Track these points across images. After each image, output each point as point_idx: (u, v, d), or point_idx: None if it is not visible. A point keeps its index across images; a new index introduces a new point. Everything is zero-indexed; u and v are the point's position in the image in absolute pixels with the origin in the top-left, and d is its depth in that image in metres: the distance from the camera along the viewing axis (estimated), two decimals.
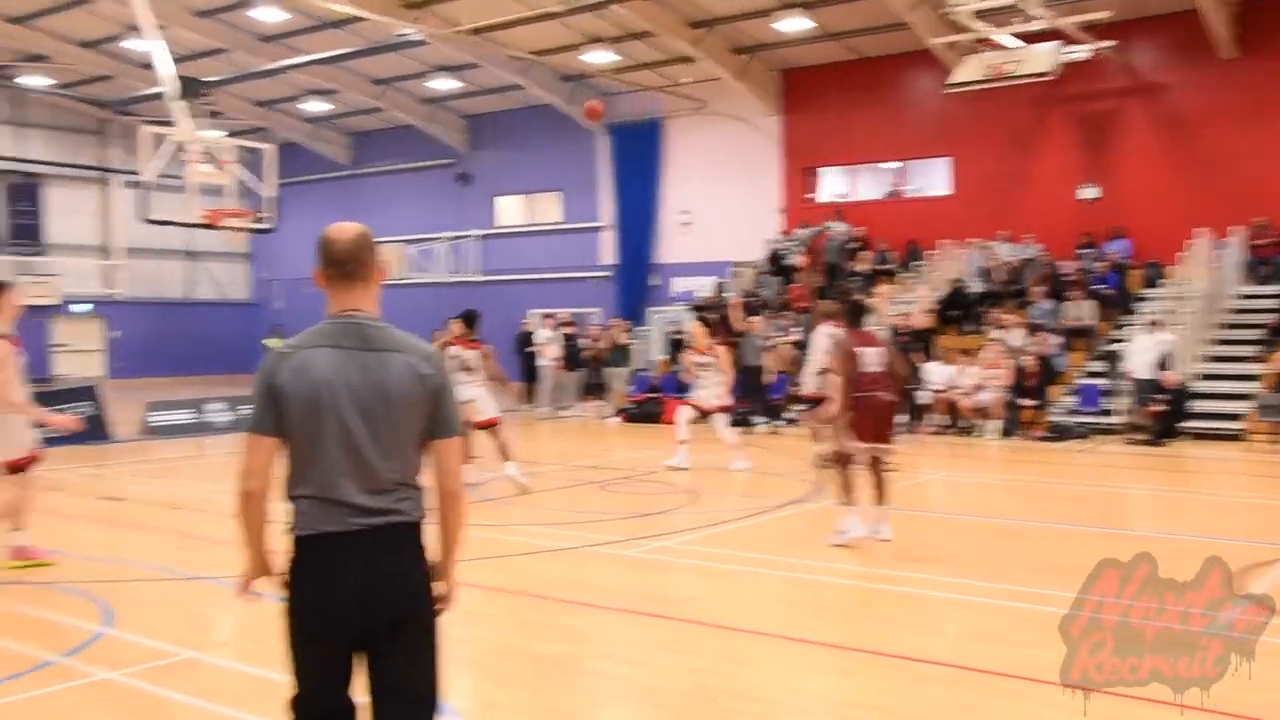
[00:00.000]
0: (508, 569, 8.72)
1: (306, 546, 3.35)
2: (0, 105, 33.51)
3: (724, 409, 14.68)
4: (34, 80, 32.31)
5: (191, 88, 19.47)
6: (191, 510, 11.32)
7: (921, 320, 20.71)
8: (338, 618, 3.33)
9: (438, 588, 3.54)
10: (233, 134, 23.18)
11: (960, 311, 22.12)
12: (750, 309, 22.29)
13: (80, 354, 34.00)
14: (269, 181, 20.51)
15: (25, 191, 34.09)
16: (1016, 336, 19.70)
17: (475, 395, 12.66)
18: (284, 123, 34.52)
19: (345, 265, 3.48)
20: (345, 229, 3.54)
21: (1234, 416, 17.70)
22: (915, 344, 19.61)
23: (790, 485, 12.86)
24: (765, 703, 5.61)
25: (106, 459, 16.03)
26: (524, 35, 25.42)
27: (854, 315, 9.73)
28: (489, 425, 12.71)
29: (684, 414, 14.66)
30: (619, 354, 24.12)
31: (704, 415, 14.58)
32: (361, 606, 3.32)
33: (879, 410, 9.21)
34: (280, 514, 3.44)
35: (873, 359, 9.22)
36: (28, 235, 34.08)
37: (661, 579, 8.39)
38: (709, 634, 6.80)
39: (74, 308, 34.18)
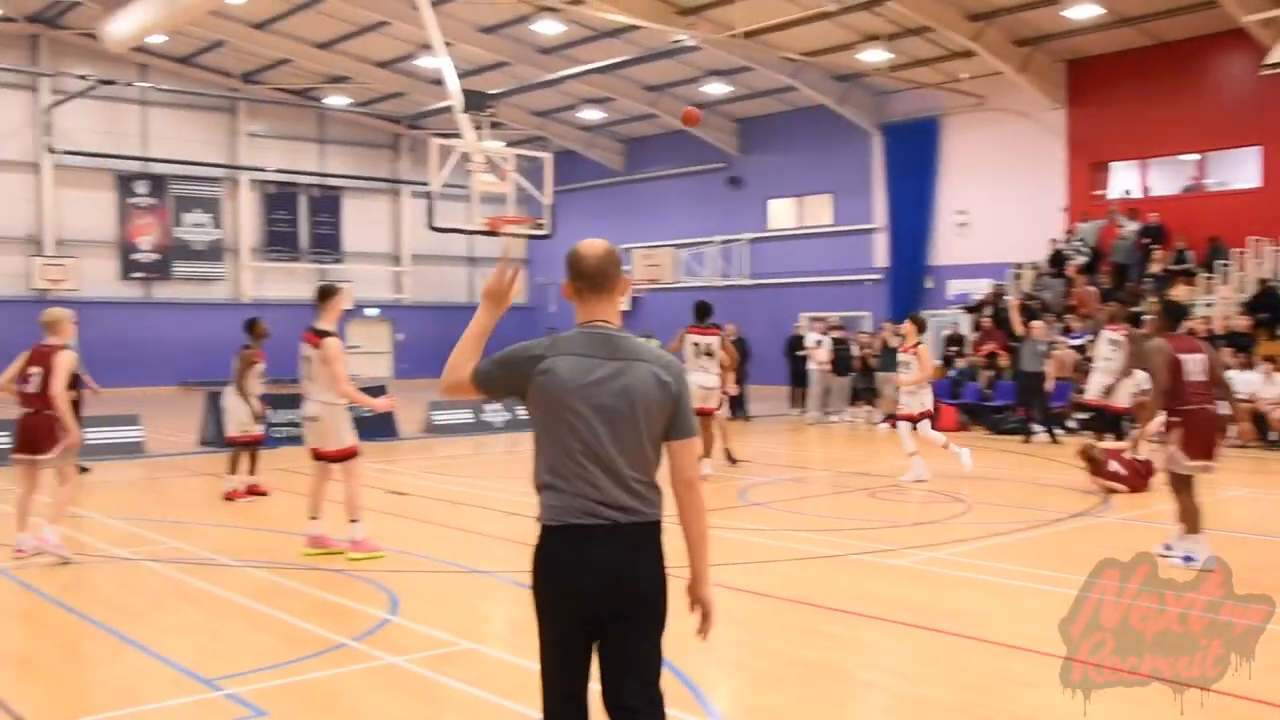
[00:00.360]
0: (774, 574, 8.67)
1: (552, 536, 3.57)
2: (308, 124, 36.28)
3: (923, 415, 13.91)
4: (336, 100, 34.80)
5: (476, 101, 20.38)
6: (471, 507, 11.82)
7: (1225, 324, 19.26)
8: (576, 605, 3.54)
9: (694, 590, 3.76)
10: (512, 144, 24.18)
11: (1270, 314, 20.41)
12: (1030, 312, 21.33)
13: (370, 355, 36.39)
14: (546, 189, 21.23)
15: (326, 203, 36.83)
16: None
17: (714, 383, 13.54)
18: (560, 131, 35.76)
19: (594, 279, 3.68)
20: (595, 245, 3.72)
21: None
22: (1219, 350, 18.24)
23: (1070, 498, 12.21)
24: None
25: (394, 455, 17.00)
26: (797, 36, 25.30)
27: (1171, 318, 8.93)
28: (707, 414, 13.25)
29: (903, 428, 13.96)
30: (889, 358, 23.57)
31: (915, 423, 13.87)
32: (598, 596, 3.52)
33: (1207, 424, 8.38)
34: (532, 505, 3.65)
35: (1195, 367, 8.38)
36: (327, 244, 36.80)
37: (932, 590, 8.12)
38: (980, 649, 6.52)
39: (366, 312, 36.60)
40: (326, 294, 9.22)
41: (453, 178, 19.95)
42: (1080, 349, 20.32)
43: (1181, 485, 8.43)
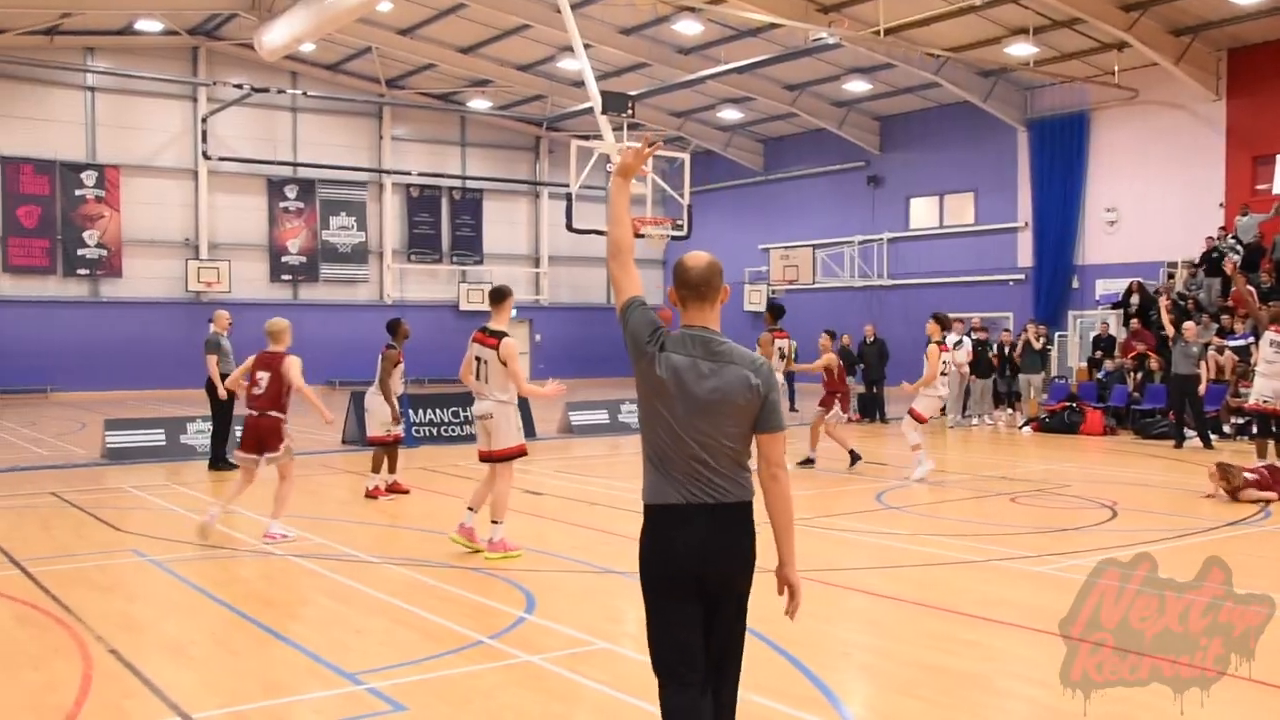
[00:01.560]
0: (912, 579, 8.54)
1: (652, 514, 4.01)
2: (450, 128, 37.07)
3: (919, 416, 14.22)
4: (477, 104, 35.49)
5: (617, 102, 20.56)
6: (605, 507, 11.93)
7: None
8: (672, 577, 3.94)
9: (782, 573, 4.07)
10: (651, 143, 24.24)
11: None
12: (1182, 312, 20.53)
13: None
14: (684, 189, 21.30)
15: (467, 205, 37.55)
16: None
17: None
18: (699, 131, 35.79)
19: (698, 288, 4.03)
20: (699, 257, 4.08)
21: None
22: None
23: (1223, 506, 11.71)
24: None
25: (531, 455, 17.19)
26: (941, 32, 24.84)
27: None
28: None
29: (908, 422, 14.32)
30: (1033, 360, 22.95)
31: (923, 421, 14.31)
32: (694, 569, 3.91)
33: None
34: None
35: None
36: (468, 246, 37.50)
37: (1074, 599, 7.87)
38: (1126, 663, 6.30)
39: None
40: (500, 296, 9.43)
41: (591, 179, 20.17)
42: (1240, 351, 19.48)
43: None
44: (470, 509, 9.46)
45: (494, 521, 9.25)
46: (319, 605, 7.87)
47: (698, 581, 3.93)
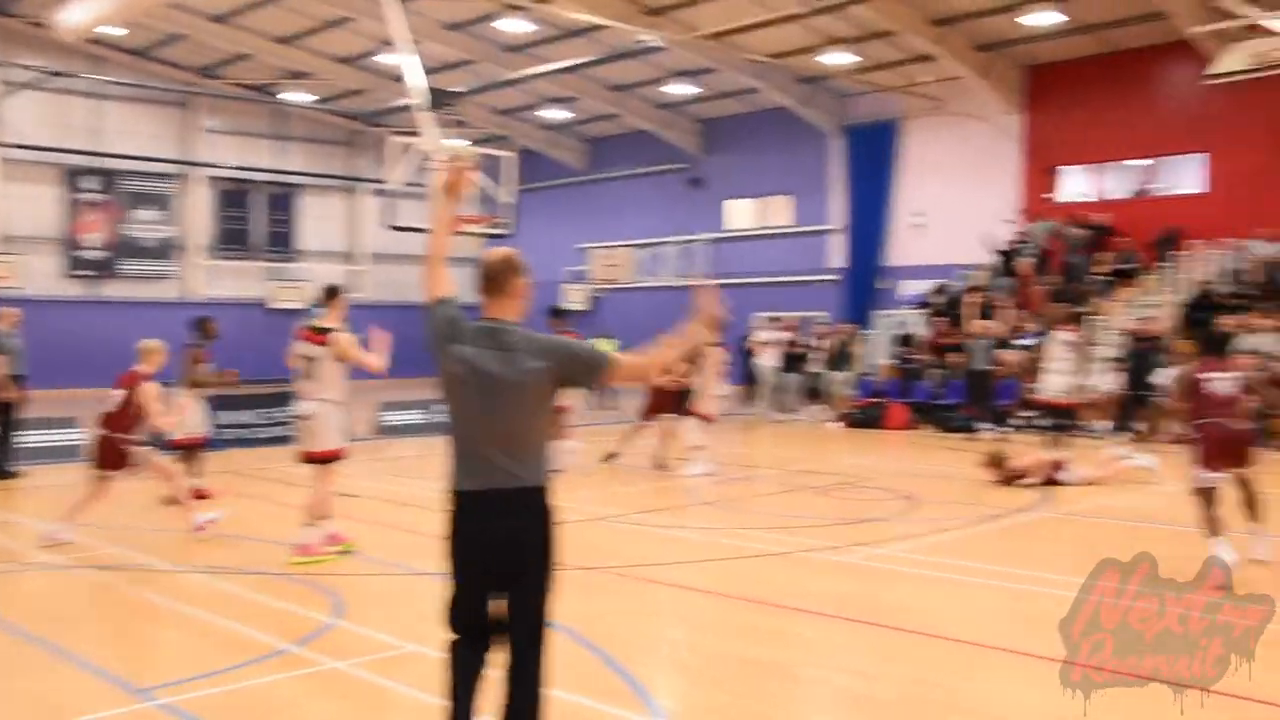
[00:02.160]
0: (723, 573, 8.73)
1: (452, 500, 4.22)
2: (265, 120, 35.96)
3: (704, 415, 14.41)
4: (295, 96, 34.52)
5: (439, 98, 20.30)
6: (417, 508, 11.73)
7: (1160, 326, 19.61)
8: (468, 558, 4.19)
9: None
10: (474, 142, 24.10)
11: (1209, 315, 20.72)
12: (980, 312, 21.57)
13: None
14: (507, 188, 21.19)
15: (282, 201, 36.47)
16: (1270, 341, 18.30)
17: None
18: (523, 130, 35.68)
19: (493, 282, 4.31)
20: (495, 253, 4.37)
21: None
22: (1156, 350, 18.56)
23: (1013, 494, 12.36)
24: (982, 716, 5.41)
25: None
26: (762, 38, 25.39)
27: (1209, 346, 9.12)
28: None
29: (692, 423, 14.44)
30: (841, 358, 23.69)
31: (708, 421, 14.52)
32: (487, 551, 4.13)
33: (1225, 438, 8.48)
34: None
35: (1223, 385, 8.56)
36: (282, 242, 36.43)
37: (877, 586, 8.20)
38: (925, 644, 6.61)
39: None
40: (333, 293, 9.40)
41: (412, 176, 19.87)
42: (1029, 349, 20.54)
43: (1204, 496, 8.47)
44: (310, 524, 9.24)
45: (306, 525, 9.03)
46: (110, 619, 7.51)
47: (492, 563, 4.14)
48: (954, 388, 21.42)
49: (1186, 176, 24.64)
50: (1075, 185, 26.41)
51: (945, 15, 24.09)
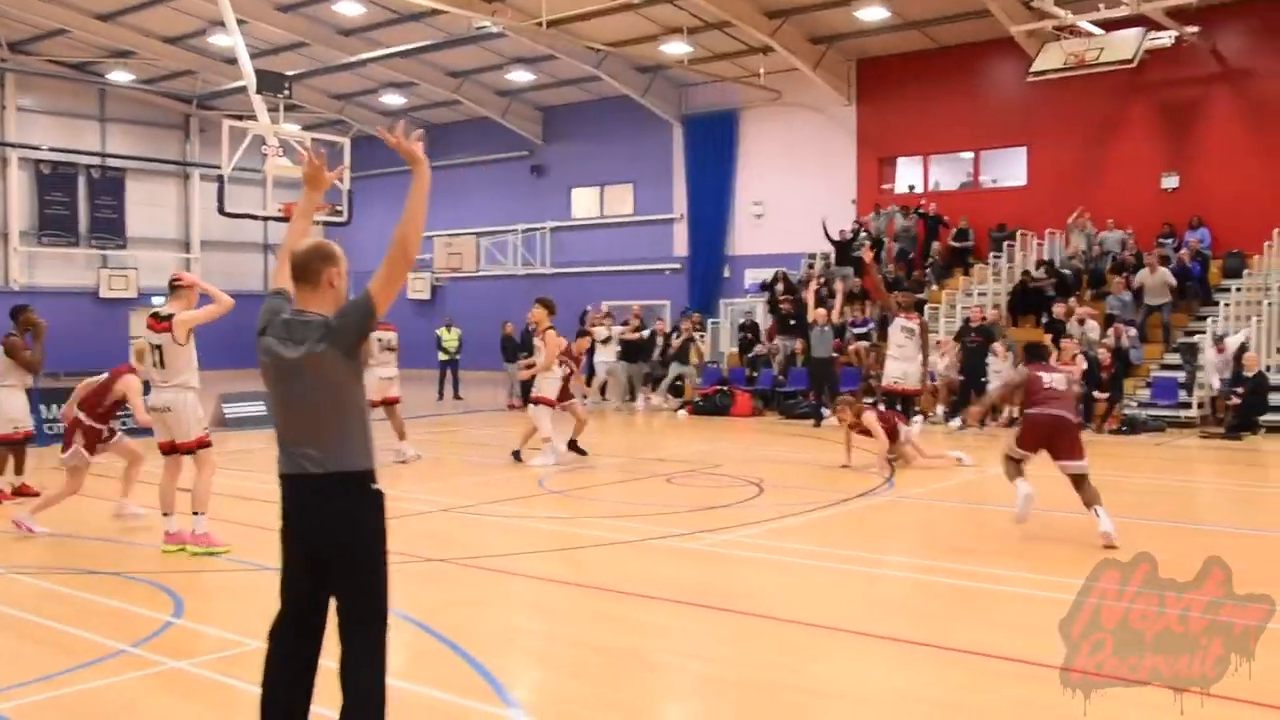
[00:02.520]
0: (573, 561, 8.77)
1: (280, 485, 4.24)
2: (87, 101, 34.34)
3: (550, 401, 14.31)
4: (119, 76, 33.06)
5: (272, 82, 19.76)
6: (259, 501, 11.42)
7: (990, 314, 20.48)
8: (291, 543, 4.21)
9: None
10: (310, 127, 23.50)
11: (1033, 303, 21.79)
12: (820, 300, 22.11)
13: None
14: (344, 175, 20.74)
15: (108, 186, 34.91)
16: (1091, 328, 19.32)
17: (393, 374, 14.60)
18: (361, 115, 34.98)
19: (300, 272, 4.25)
20: (305, 244, 4.30)
21: None
22: (987, 339, 19.37)
23: (857, 479, 12.74)
24: (829, 696, 5.57)
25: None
26: (601, 27, 25.45)
27: (1031, 355, 9.94)
28: (393, 402, 14.42)
29: (539, 412, 14.23)
30: (683, 347, 23.85)
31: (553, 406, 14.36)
32: (305, 537, 4.15)
33: (1046, 425, 9.16)
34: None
35: (1052, 380, 9.36)
36: (109, 229, 34.89)
37: (726, 572, 8.35)
38: (774, 627, 6.76)
39: (153, 299, 34.96)
40: (177, 285, 9.14)
41: (246, 161, 19.30)
42: (866, 336, 21.19)
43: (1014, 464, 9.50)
44: (166, 514, 8.93)
45: (196, 513, 8.78)
46: None
47: (309, 550, 4.15)
48: (796, 375, 21.93)
49: (1012, 169, 25.77)
50: (909, 176, 27.33)
51: (780, 7, 24.59)
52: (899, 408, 15.52)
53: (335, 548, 4.11)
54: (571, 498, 11.87)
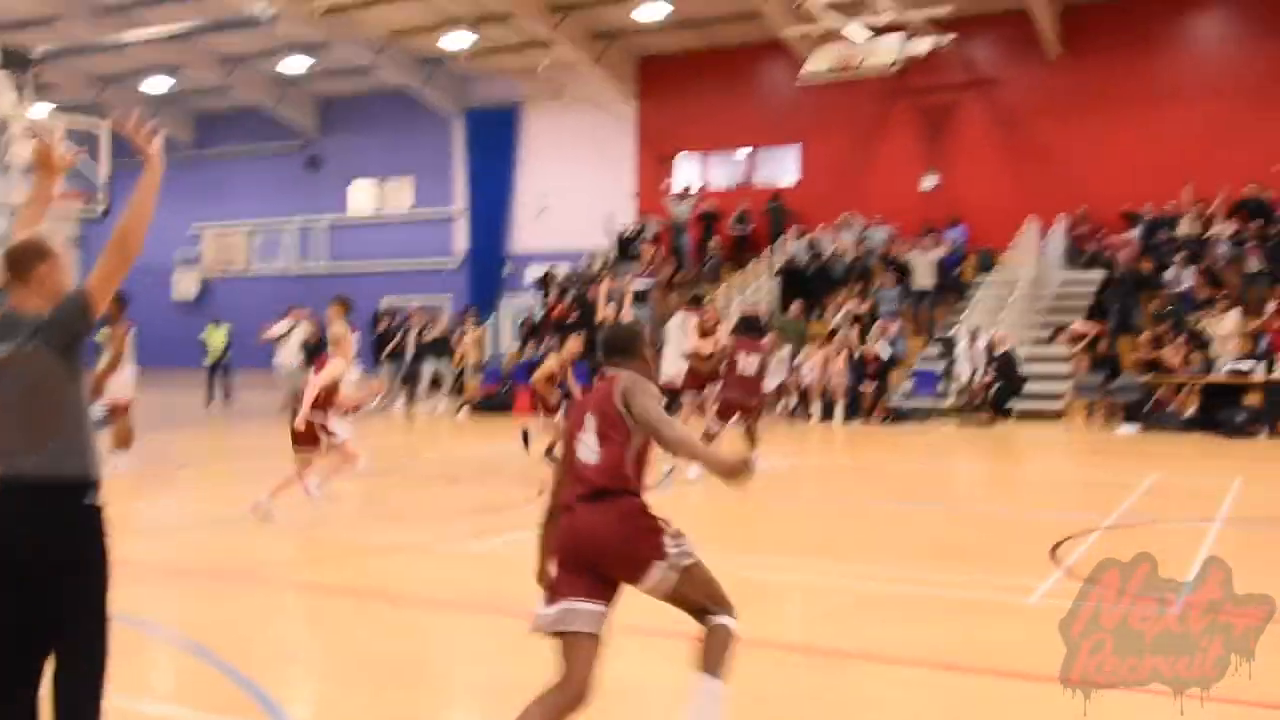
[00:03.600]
0: (351, 568, 8.56)
1: None
2: None
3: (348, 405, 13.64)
4: None
5: (17, 59, 18.53)
6: None
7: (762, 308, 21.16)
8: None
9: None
10: (63, 109, 22.13)
11: (803, 296, 22.64)
12: (609, 297, 22.30)
13: None
14: (103, 163, 19.64)
15: None
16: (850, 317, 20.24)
17: (127, 376, 13.27)
18: (122, 100, 33.02)
19: (7, 269, 3.96)
20: (18, 238, 4.04)
21: (1057, 396, 18.61)
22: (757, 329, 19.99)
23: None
24: (617, 696, 5.55)
25: None
26: (380, 15, 24.95)
27: (744, 329, 11.01)
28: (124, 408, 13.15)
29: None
30: (440, 344, 23.17)
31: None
32: (6, 554, 3.66)
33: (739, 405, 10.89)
34: None
35: (745, 365, 10.81)
36: None
37: (511, 575, 8.30)
38: None
39: None
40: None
41: None
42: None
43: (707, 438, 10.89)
44: None
45: None
46: None
47: (13, 567, 3.66)
48: (580, 371, 22.03)
49: (786, 167, 26.66)
50: (689, 173, 27.89)
51: (562, 3, 24.70)
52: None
53: (43, 566, 3.66)
54: (350, 503, 11.60)
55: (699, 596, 4.62)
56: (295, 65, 29.72)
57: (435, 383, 22.98)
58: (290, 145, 32.75)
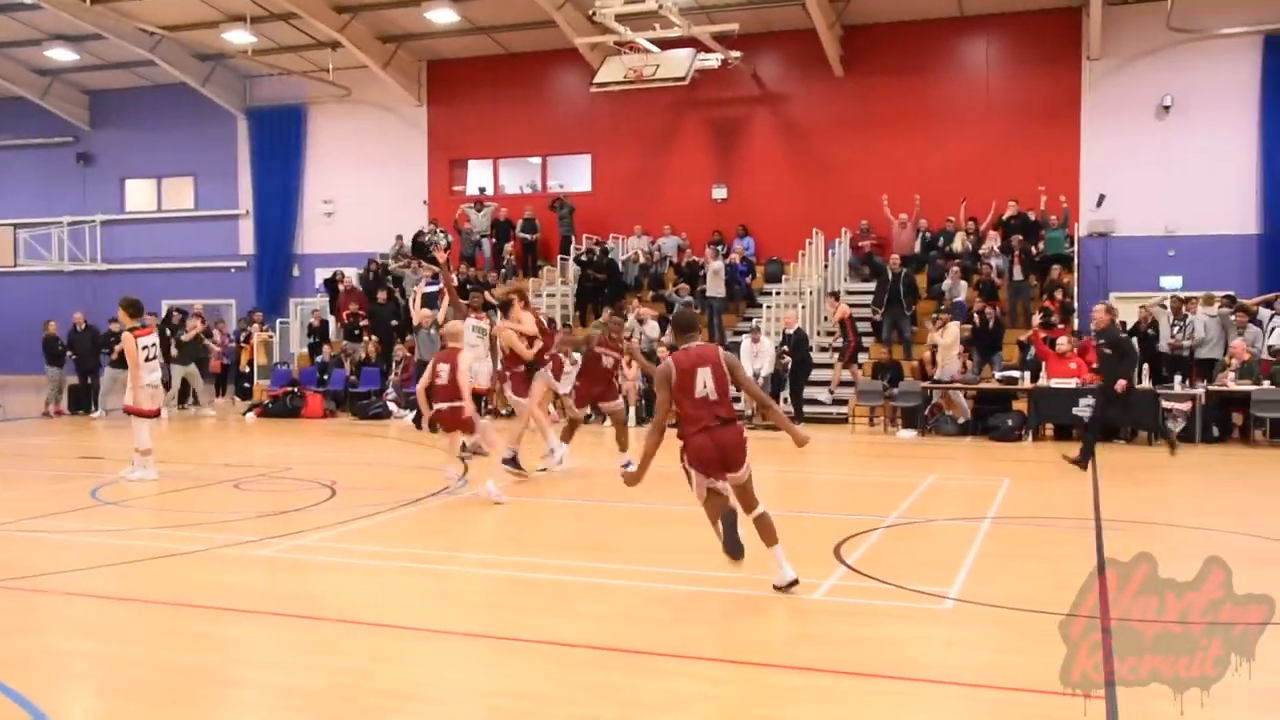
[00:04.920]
0: (136, 575, 8.23)
1: None
2: None
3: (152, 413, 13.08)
4: None
5: None
6: None
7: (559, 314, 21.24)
8: None
9: None
10: None
11: (596, 302, 22.96)
12: (423, 300, 22.00)
13: None
14: None
15: None
16: (652, 329, 20.56)
17: None
18: None
19: None
20: None
21: (842, 401, 19.42)
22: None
23: (430, 478, 12.81)
24: (409, 698, 5.58)
25: None
26: (155, 8, 23.96)
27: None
28: None
29: (139, 424, 12.77)
30: (192, 346, 22.15)
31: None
32: None
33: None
34: None
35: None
36: None
37: (299, 578, 8.17)
38: (350, 632, 6.68)
39: None
40: None
41: None
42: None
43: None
44: None
45: None
46: None
47: None
48: (368, 375, 21.72)
49: (579, 175, 26.94)
50: (480, 178, 27.84)
51: (349, 3, 24.32)
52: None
53: None
54: (130, 509, 11.11)
55: (752, 489, 7.30)
56: (62, 56, 28.15)
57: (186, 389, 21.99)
58: (60, 140, 30.98)
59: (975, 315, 19.47)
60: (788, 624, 6.79)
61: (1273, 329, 17.95)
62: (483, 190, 27.22)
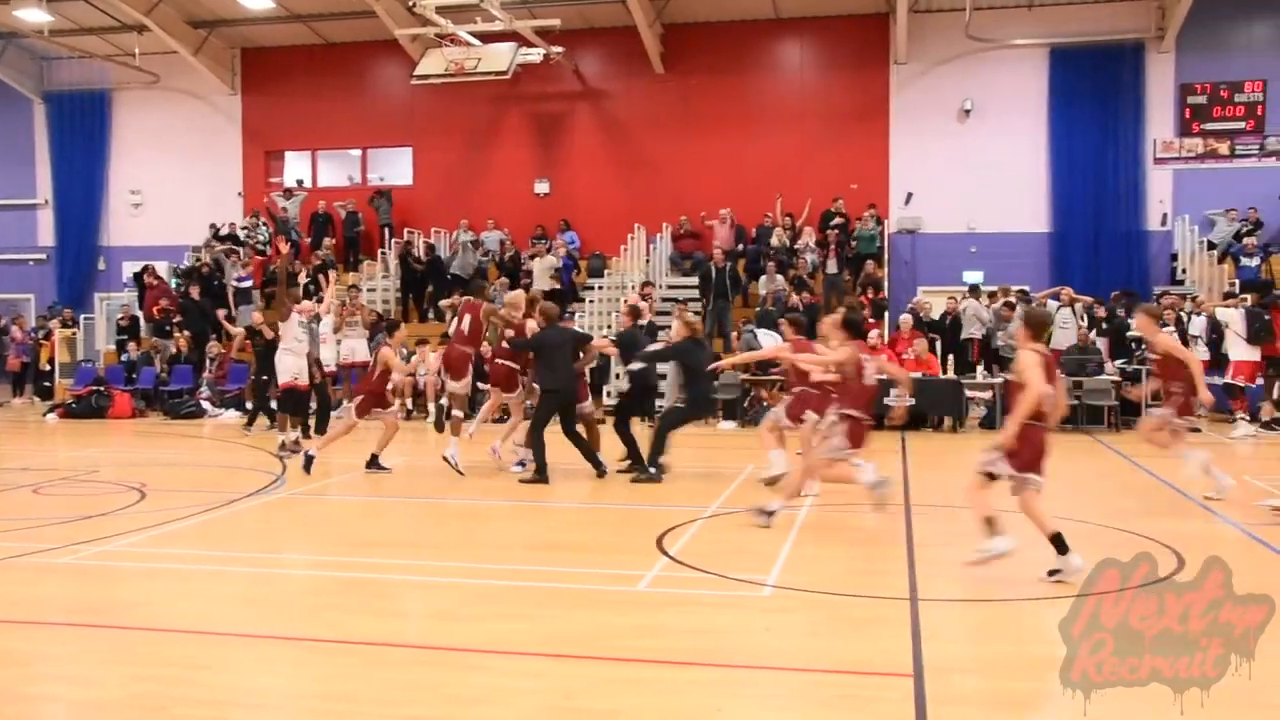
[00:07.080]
0: None
1: None
2: None
3: None
4: None
5: None
6: None
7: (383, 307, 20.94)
8: None
9: None
10: None
11: (420, 297, 22.72)
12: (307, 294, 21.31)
13: None
14: None
15: None
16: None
17: None
18: None
19: None
20: None
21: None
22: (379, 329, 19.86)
23: (250, 477, 12.54)
24: (223, 705, 5.45)
25: None
26: None
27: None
28: None
29: None
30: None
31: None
32: None
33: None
34: None
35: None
36: None
37: (105, 586, 7.86)
38: (161, 640, 6.48)
39: None
40: None
41: None
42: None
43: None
44: None
45: None
46: None
47: None
48: (180, 373, 21.00)
49: (400, 169, 26.58)
50: (298, 169, 27.15)
51: None
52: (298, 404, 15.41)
53: None
54: None
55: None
56: None
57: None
58: None
59: (791, 308, 20.03)
60: (611, 616, 6.89)
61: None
62: (300, 183, 26.57)
